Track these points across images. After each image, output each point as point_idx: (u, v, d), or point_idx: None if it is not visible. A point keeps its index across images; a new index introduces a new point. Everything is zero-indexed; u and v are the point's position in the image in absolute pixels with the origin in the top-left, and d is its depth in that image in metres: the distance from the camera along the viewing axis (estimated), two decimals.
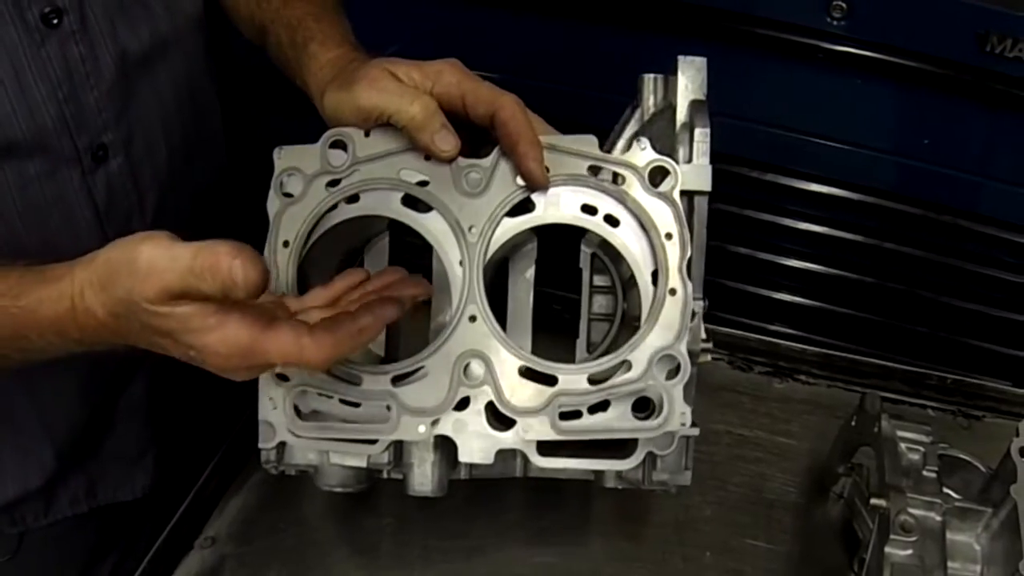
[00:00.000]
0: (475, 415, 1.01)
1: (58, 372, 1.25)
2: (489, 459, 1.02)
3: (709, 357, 1.03)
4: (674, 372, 1.00)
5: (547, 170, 1.01)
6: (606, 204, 1.03)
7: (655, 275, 1.01)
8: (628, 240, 1.03)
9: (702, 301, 1.02)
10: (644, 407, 1.01)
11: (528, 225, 1.04)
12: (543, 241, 1.16)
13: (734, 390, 1.53)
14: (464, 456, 1.02)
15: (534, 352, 1.09)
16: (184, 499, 1.29)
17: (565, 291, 1.20)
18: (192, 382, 1.42)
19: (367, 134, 1.04)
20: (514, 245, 1.14)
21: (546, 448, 1.02)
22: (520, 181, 1.03)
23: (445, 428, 1.02)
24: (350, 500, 1.33)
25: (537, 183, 1.01)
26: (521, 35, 1.95)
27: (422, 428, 1.00)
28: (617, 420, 1.00)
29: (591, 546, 1.29)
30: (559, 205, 1.03)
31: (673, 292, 1.00)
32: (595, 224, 1.03)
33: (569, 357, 1.15)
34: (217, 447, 1.35)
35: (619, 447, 1.03)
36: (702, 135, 1.00)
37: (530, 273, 1.16)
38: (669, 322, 1.00)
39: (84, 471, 1.36)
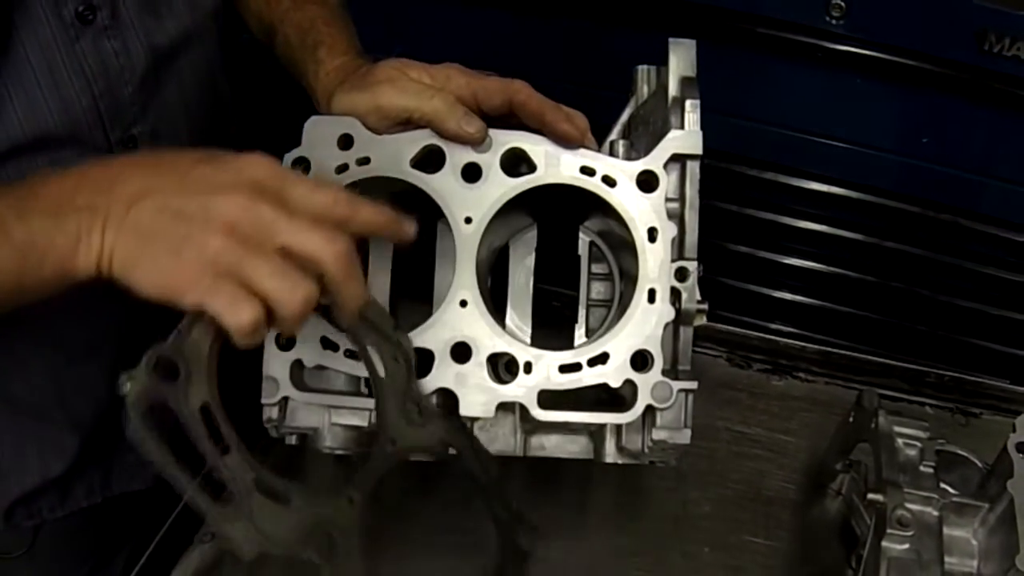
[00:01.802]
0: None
1: (84, 365, 1.27)
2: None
3: (704, 319, 1.06)
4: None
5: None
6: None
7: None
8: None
9: (696, 263, 1.05)
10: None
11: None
12: (543, 236, 1.18)
13: (733, 387, 1.53)
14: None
15: (534, 338, 1.14)
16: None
17: (564, 288, 1.22)
18: None
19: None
20: (514, 231, 1.17)
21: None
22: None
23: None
24: None
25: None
26: (523, 35, 1.96)
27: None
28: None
29: (589, 541, 1.29)
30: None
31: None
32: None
33: (568, 346, 1.16)
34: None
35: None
36: (692, 106, 1.05)
37: (530, 260, 1.18)
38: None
39: (101, 460, 1.37)
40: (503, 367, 1.07)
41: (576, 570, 1.26)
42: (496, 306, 1.16)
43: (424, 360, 1.05)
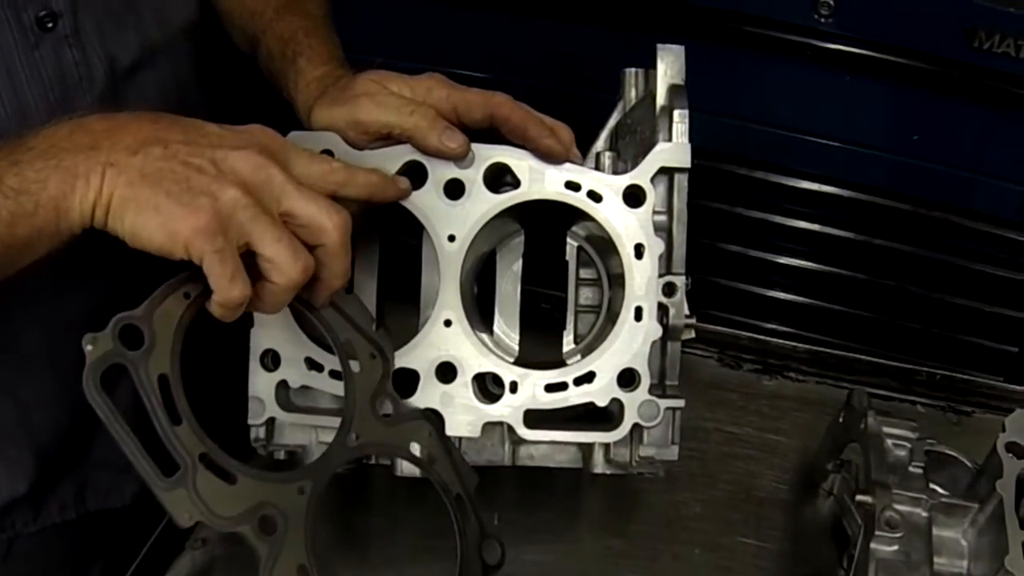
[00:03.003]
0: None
1: (42, 377, 1.25)
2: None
3: (693, 333, 1.05)
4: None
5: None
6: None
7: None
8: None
9: (684, 277, 1.05)
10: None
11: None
12: (530, 238, 1.18)
13: (723, 388, 1.52)
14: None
15: (522, 343, 1.15)
16: None
17: (552, 289, 1.21)
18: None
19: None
20: (501, 238, 1.17)
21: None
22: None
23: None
24: (339, 500, 1.33)
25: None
26: (509, 35, 1.95)
27: None
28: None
29: (581, 544, 1.29)
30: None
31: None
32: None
33: (556, 352, 1.18)
34: None
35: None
36: (680, 116, 1.04)
37: (517, 266, 1.18)
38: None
39: (73, 478, 1.35)
40: (490, 379, 1.06)
41: (567, 573, 1.26)
42: (484, 312, 1.15)
43: (409, 380, 1.05)
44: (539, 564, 1.26)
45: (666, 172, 1.04)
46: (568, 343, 1.17)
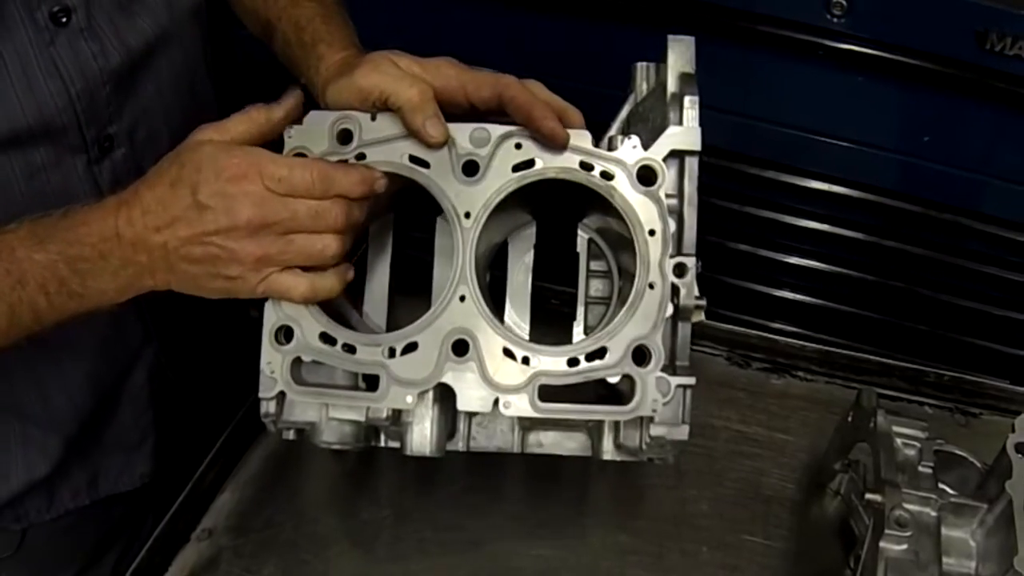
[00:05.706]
0: (474, 363, 1.04)
1: (65, 362, 1.27)
2: (487, 408, 1.03)
3: (703, 315, 1.05)
4: (648, 361, 1.03)
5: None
6: (601, 161, 1.06)
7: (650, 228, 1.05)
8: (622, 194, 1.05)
9: (695, 259, 1.04)
10: (642, 358, 1.04)
11: (524, 181, 1.05)
12: (540, 234, 1.18)
13: (732, 386, 1.53)
14: (462, 404, 1.04)
15: (532, 335, 1.14)
16: (181, 491, 1.29)
17: (562, 285, 1.21)
18: (192, 368, 1.44)
19: (373, 118, 1.06)
20: (513, 228, 1.17)
21: (545, 396, 1.04)
22: (517, 161, 1.05)
23: (444, 376, 1.04)
24: (347, 492, 1.33)
25: (559, 140, 1.04)
26: (521, 32, 1.96)
27: (409, 398, 1.03)
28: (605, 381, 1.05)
29: (588, 540, 1.29)
30: (556, 162, 1.06)
31: (652, 286, 1.04)
32: (590, 179, 1.05)
33: (566, 340, 1.17)
34: (216, 436, 1.35)
35: (616, 401, 1.05)
36: (691, 102, 1.04)
37: (529, 257, 1.18)
38: (647, 313, 1.04)
39: (86, 461, 1.36)
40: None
41: (575, 568, 1.26)
42: (495, 303, 1.15)
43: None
44: (546, 559, 1.26)
45: (677, 155, 1.05)
46: (578, 334, 1.17)
